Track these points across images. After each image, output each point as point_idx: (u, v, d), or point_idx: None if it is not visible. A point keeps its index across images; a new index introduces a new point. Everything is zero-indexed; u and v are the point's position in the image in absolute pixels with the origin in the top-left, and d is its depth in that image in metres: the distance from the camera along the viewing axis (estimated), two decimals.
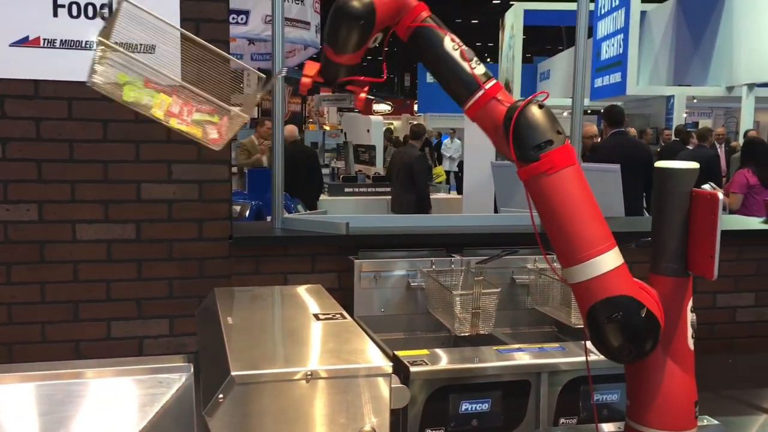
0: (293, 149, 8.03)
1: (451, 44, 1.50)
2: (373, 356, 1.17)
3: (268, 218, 6.68)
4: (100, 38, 1.62)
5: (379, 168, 10.29)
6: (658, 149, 10.83)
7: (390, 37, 1.60)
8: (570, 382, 2.13)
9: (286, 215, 3.11)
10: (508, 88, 17.39)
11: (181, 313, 2.77)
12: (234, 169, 6.93)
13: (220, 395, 1.05)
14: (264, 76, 1.67)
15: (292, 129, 8.60)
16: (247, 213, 6.55)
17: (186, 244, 2.76)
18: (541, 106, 1.44)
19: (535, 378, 2.11)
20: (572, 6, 3.22)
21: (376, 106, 24.69)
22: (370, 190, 8.66)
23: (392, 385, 1.13)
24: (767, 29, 11.12)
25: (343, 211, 7.25)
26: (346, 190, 8.59)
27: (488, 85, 1.49)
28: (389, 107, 24.47)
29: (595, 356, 2.13)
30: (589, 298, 1.36)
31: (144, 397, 1.53)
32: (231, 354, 1.14)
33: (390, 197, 7.83)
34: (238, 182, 7.45)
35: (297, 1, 7.94)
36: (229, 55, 1.74)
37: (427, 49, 1.53)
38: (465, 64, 1.49)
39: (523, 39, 19.12)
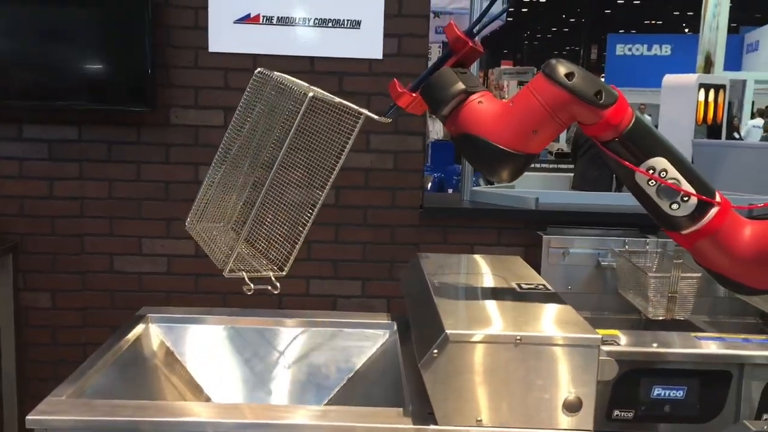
0: None
1: (644, 178, 1.20)
2: (581, 327, 1.19)
3: (449, 190, 6.79)
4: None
5: (562, 144, 10.01)
6: None
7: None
8: None
9: (475, 188, 3.15)
10: (709, 61, 16.09)
11: (371, 276, 2.93)
12: None
13: (435, 350, 1.13)
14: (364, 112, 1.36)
15: None
16: (429, 185, 6.70)
17: (379, 211, 2.91)
18: None
19: (738, 370, 1.99)
20: None
21: None
22: (552, 166, 8.47)
23: (600, 357, 1.14)
24: None
25: (524, 186, 7.15)
26: None
27: (713, 212, 1.18)
28: None
29: None
30: None
31: (351, 349, 1.67)
32: (443, 314, 1.21)
33: (572, 174, 7.60)
34: None
35: None
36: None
37: (615, 170, 1.26)
38: (663, 204, 1.20)
39: (730, 7, 17.49)
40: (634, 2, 28.63)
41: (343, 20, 2.78)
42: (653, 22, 31.64)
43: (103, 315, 2.89)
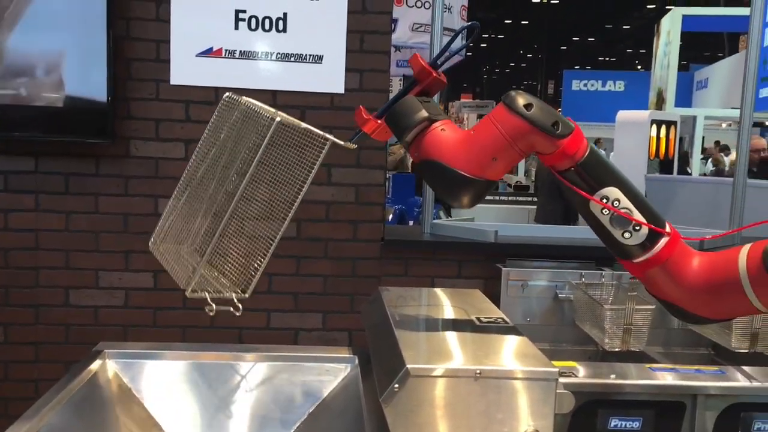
0: None
1: (597, 207, 1.25)
2: (541, 361, 1.21)
3: (410, 222, 6.84)
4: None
5: (521, 177, 10.19)
6: None
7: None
8: (729, 407, 2.04)
9: (435, 221, 3.19)
10: (661, 97, 16.59)
11: (333, 309, 2.93)
12: None
13: (396, 385, 1.14)
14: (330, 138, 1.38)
15: None
16: (390, 217, 6.74)
17: (341, 243, 2.92)
18: None
19: (691, 401, 2.04)
20: (736, 11, 3.07)
21: None
22: (511, 198, 8.61)
23: (558, 391, 1.17)
24: None
25: (483, 218, 7.25)
26: (487, 197, 8.58)
27: (661, 244, 1.23)
28: None
29: (758, 383, 2.03)
30: None
31: (313, 383, 1.66)
32: (404, 348, 1.22)
33: (533, 207, 7.74)
34: None
35: (445, 9, 8.08)
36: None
37: (571, 199, 1.30)
38: (616, 232, 1.25)
39: (680, 45, 18.14)
40: (589, 39, 29.49)
41: (306, 55, 2.82)
42: (607, 59, 32.62)
43: (57, 350, 2.82)
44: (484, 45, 32.53)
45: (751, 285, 1.16)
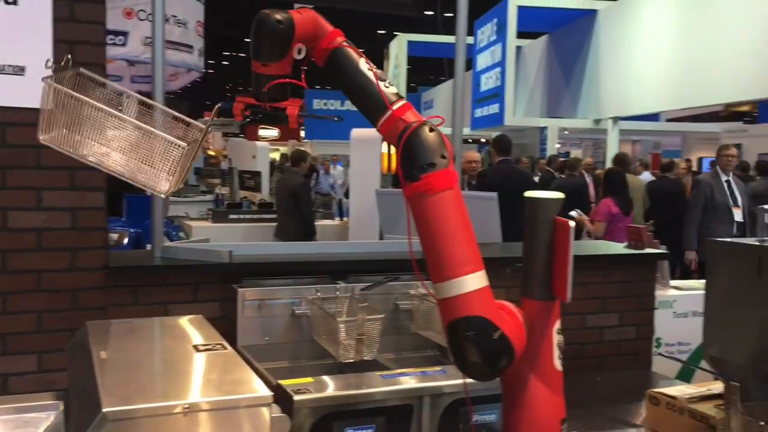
0: None
1: (366, 65, 1.61)
2: (253, 386, 1.17)
3: (148, 246, 6.47)
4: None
5: (265, 194, 10.17)
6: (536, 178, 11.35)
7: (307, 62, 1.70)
8: (451, 404, 2.19)
9: (167, 243, 3.02)
10: None
11: (50, 348, 2.62)
12: None
13: None
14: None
15: None
16: (125, 241, 6.29)
17: (57, 274, 2.63)
18: (432, 129, 1.51)
19: (418, 402, 2.15)
20: (453, 39, 3.35)
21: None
22: (255, 216, 8.55)
23: (273, 415, 1.13)
24: (630, 67, 12.03)
25: (228, 238, 7.11)
26: (231, 216, 8.44)
27: (397, 106, 1.57)
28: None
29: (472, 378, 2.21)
30: (450, 314, 1.45)
31: None
32: (103, 389, 1.10)
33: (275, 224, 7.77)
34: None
35: (179, 24, 7.82)
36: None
37: (342, 70, 1.62)
38: (378, 83, 1.58)
39: (408, 69, 19.63)
40: None
41: (4, 66, 2.51)
42: None
43: None
44: (226, 63, 32.19)
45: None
